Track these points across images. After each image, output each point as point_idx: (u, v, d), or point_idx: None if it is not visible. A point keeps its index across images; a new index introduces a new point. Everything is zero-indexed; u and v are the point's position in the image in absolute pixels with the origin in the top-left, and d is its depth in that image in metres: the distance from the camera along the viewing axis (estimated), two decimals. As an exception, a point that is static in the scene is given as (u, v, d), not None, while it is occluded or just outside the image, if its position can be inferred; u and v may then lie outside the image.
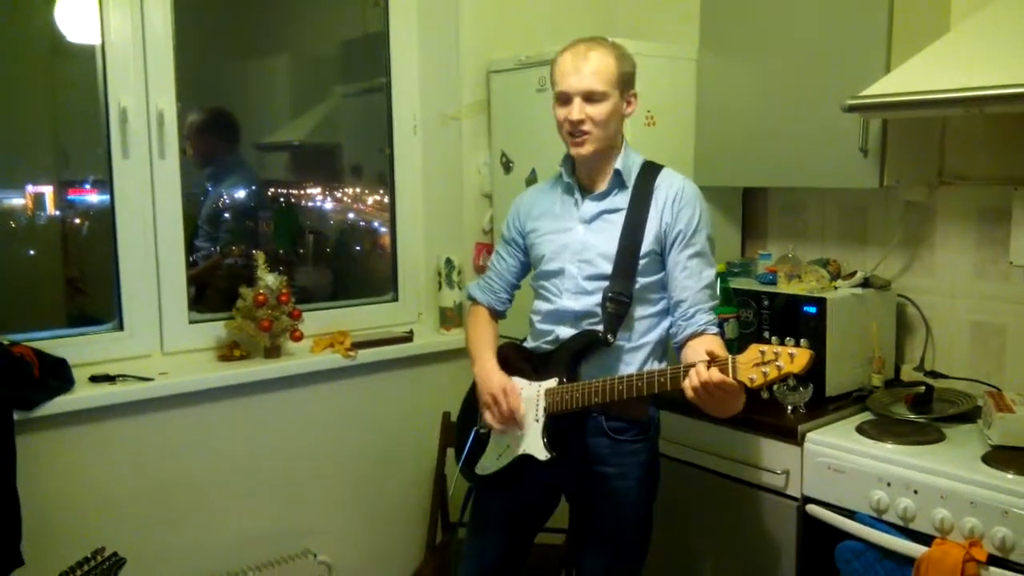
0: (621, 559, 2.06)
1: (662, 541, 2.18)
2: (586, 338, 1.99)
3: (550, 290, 2.08)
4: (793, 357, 1.67)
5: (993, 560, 1.81)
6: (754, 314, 2.50)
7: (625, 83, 1.98)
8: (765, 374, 1.67)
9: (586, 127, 1.95)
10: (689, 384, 1.74)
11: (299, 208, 3.17)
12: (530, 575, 2.38)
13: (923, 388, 2.35)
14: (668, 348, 2.06)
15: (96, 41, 2.45)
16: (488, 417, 2.03)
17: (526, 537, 2.20)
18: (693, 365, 1.75)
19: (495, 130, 3.00)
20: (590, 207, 2.05)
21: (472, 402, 2.22)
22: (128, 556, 2.03)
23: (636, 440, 2.04)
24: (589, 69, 1.93)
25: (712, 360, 1.74)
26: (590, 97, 1.94)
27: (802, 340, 2.34)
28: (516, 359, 2.11)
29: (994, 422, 2.03)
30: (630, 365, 2.00)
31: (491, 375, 2.05)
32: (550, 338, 2.07)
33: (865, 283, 2.50)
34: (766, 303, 2.48)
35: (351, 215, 3.25)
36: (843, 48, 2.33)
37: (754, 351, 1.70)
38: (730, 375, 1.71)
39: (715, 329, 1.96)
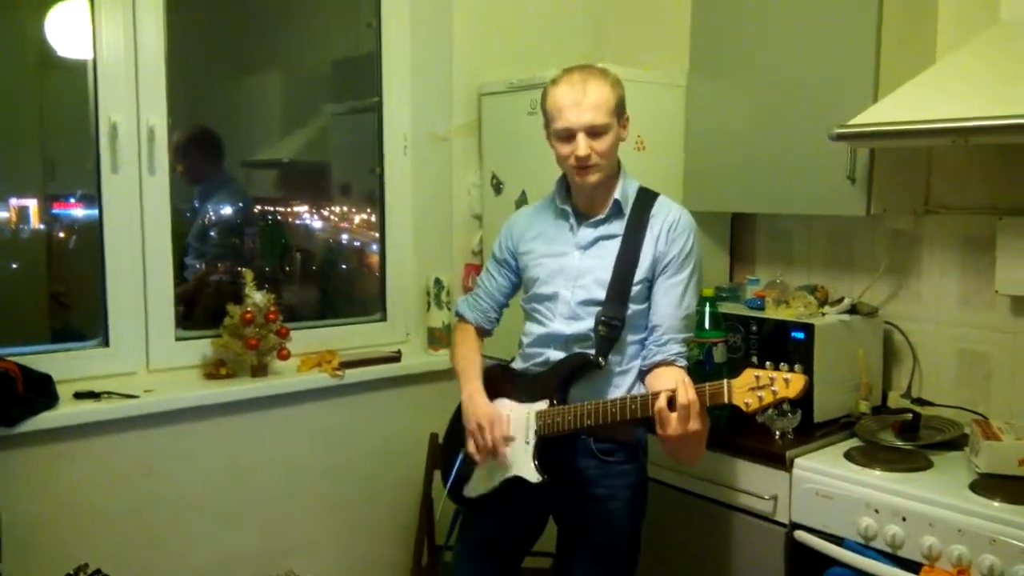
0: (608, 581, 2.05)
1: (649, 565, 2.17)
2: (577, 360, 1.99)
3: (543, 313, 2.08)
4: (788, 382, 1.68)
5: (981, 588, 1.82)
6: (742, 339, 2.51)
7: (620, 109, 1.98)
8: (761, 399, 1.69)
9: (592, 160, 1.95)
10: (663, 403, 1.76)
11: (287, 226, 3.16)
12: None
13: (910, 415, 2.36)
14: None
15: (88, 56, 2.44)
16: (471, 447, 2.02)
17: (513, 561, 2.18)
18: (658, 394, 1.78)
19: (486, 151, 3.01)
20: (587, 233, 2.05)
21: (459, 423, 2.21)
22: (111, 574, 2.00)
23: (625, 462, 2.03)
24: (589, 103, 1.92)
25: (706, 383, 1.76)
26: (592, 131, 1.93)
27: (796, 365, 2.35)
28: (505, 381, 2.11)
29: (981, 450, 2.04)
30: (619, 388, 2.00)
31: (477, 403, 2.04)
32: (540, 360, 2.07)
33: (852, 310, 2.52)
34: (754, 328, 2.50)
35: (340, 234, 3.25)
36: (831, 77, 2.36)
37: (749, 376, 1.71)
38: (726, 399, 1.72)
39: (683, 362, 1.97)
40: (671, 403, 1.76)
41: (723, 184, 2.67)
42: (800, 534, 2.14)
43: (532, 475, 1.95)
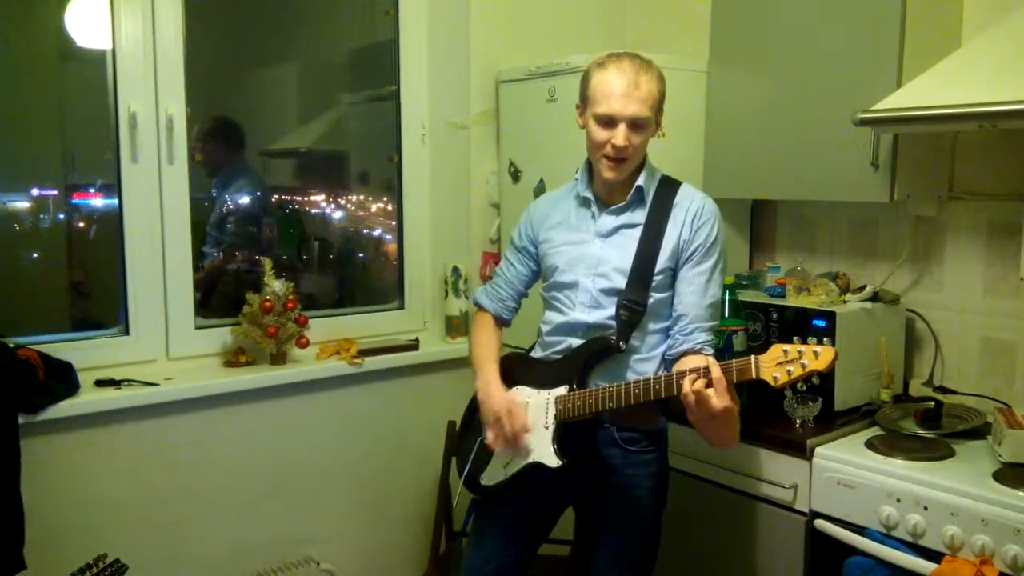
0: (630, 570, 2.04)
1: (669, 553, 2.16)
2: (598, 344, 1.98)
3: (563, 302, 2.06)
4: (817, 355, 1.66)
5: (1004, 578, 1.80)
6: (763, 327, 2.50)
7: (661, 105, 1.97)
8: (789, 372, 1.66)
9: (628, 153, 1.93)
10: (689, 387, 1.74)
11: (305, 215, 3.17)
12: (535, 587, 2.37)
13: (932, 404, 2.34)
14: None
15: (107, 46, 2.45)
16: (491, 437, 2.01)
17: (530, 548, 2.17)
18: (706, 368, 1.74)
19: (503, 140, 3.00)
20: (608, 221, 2.04)
21: (475, 412, 2.21)
22: (131, 562, 2.02)
23: (647, 451, 2.02)
24: (639, 95, 1.89)
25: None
26: (635, 123, 1.91)
27: (825, 339, 2.31)
28: (523, 369, 2.10)
29: (1005, 439, 2.02)
30: (640, 375, 1.98)
31: (493, 393, 2.03)
32: (560, 348, 2.05)
33: (874, 297, 2.49)
34: (775, 316, 2.47)
35: (358, 222, 3.25)
36: (855, 62, 2.33)
37: (777, 350, 1.69)
38: (753, 374, 1.70)
39: (710, 350, 1.95)
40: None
41: (744, 170, 2.65)
42: (820, 523, 2.13)
43: (552, 460, 1.94)
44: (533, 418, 2.00)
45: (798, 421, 2.29)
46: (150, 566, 2.36)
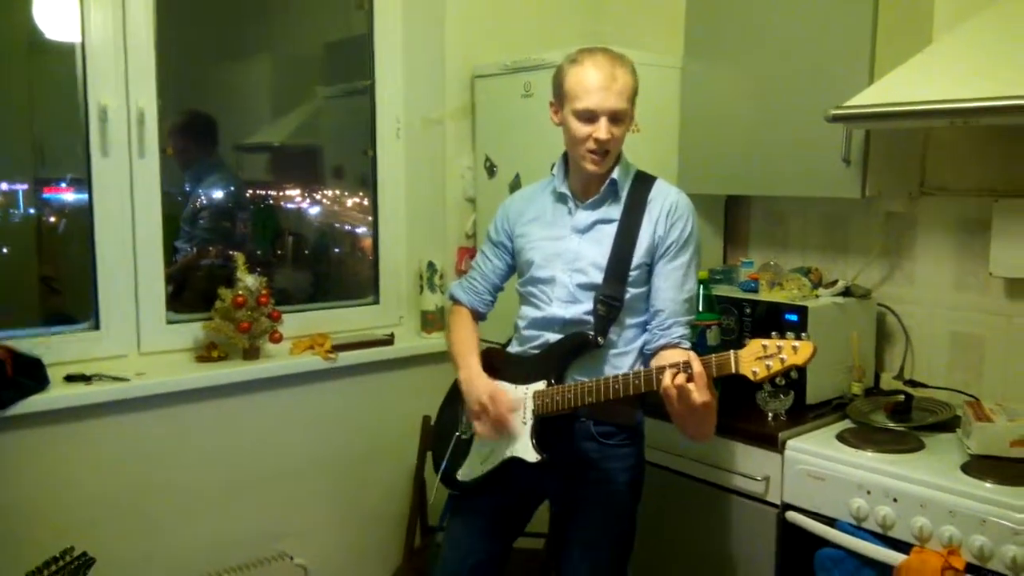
0: (604, 563, 2.05)
1: (643, 545, 2.17)
2: (575, 339, 1.98)
3: (540, 297, 2.07)
4: (796, 349, 1.68)
5: (971, 568, 1.82)
6: (736, 321, 2.51)
7: (635, 99, 1.98)
8: (768, 367, 1.68)
9: (611, 146, 1.95)
10: (670, 381, 1.74)
11: (279, 209, 3.15)
12: (510, 581, 2.37)
13: (902, 397, 2.36)
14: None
15: (76, 39, 2.41)
16: (478, 426, 2.01)
17: (506, 543, 2.18)
18: (687, 363, 1.75)
19: (479, 134, 2.99)
20: (584, 216, 2.04)
21: (450, 407, 2.21)
22: (103, 558, 2.01)
23: (624, 444, 2.03)
24: (617, 88, 1.91)
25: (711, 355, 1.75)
26: (615, 117, 1.93)
27: (803, 333, 2.32)
28: (500, 364, 2.10)
29: (973, 431, 2.04)
30: (617, 369, 1.99)
31: (476, 381, 2.03)
32: (537, 343, 2.06)
33: (846, 292, 2.52)
34: (748, 310, 2.49)
35: (332, 217, 3.24)
36: (827, 58, 2.35)
37: (756, 345, 1.71)
38: (733, 368, 1.71)
39: (687, 344, 1.96)
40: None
41: (718, 166, 2.66)
42: (792, 515, 2.15)
43: (530, 455, 1.94)
44: (512, 413, 2.00)
45: (770, 414, 2.31)
46: (123, 563, 2.34)
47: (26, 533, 2.17)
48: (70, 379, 2.32)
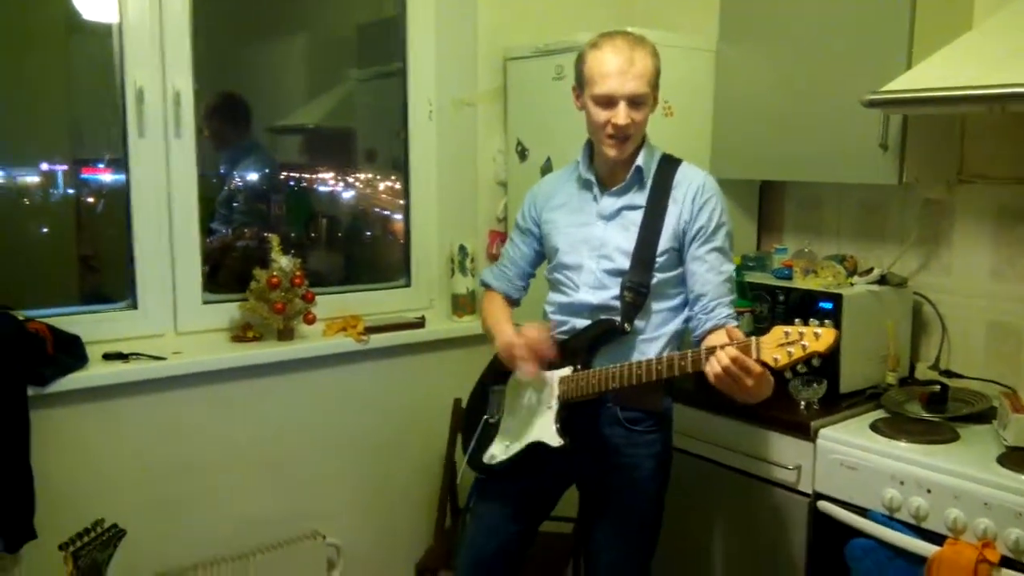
0: (632, 549, 2.06)
1: (672, 533, 2.17)
2: (603, 326, 1.98)
3: (566, 283, 2.07)
4: (818, 336, 1.65)
5: (1006, 561, 1.81)
6: (769, 308, 2.49)
7: (657, 81, 1.96)
8: (790, 354, 1.66)
9: (630, 131, 1.93)
10: (711, 370, 1.72)
11: (312, 192, 3.17)
12: (539, 564, 2.39)
13: (938, 387, 2.34)
14: (684, 341, 2.05)
15: (114, 20, 2.43)
16: (521, 367, 1.97)
17: (530, 526, 2.19)
18: (714, 349, 1.73)
19: (511, 117, 2.99)
20: (609, 203, 2.04)
21: (481, 392, 2.22)
22: (136, 534, 2.05)
23: (651, 431, 2.03)
24: (635, 72, 1.90)
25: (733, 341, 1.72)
26: (634, 100, 1.92)
27: (827, 320, 2.31)
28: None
29: (1010, 423, 2.02)
30: (645, 355, 1.98)
31: (511, 338, 2.01)
32: (565, 329, 2.06)
33: (881, 280, 2.48)
34: (781, 298, 2.47)
35: (365, 200, 3.25)
36: (864, 42, 2.31)
37: (778, 332, 1.69)
38: (753, 355, 1.69)
39: (735, 322, 1.95)
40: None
41: (752, 151, 2.63)
42: (824, 504, 2.14)
43: (553, 439, 1.95)
44: (537, 399, 2.01)
45: (803, 403, 2.29)
46: (155, 538, 2.38)
47: (63, 507, 2.21)
48: (108, 357, 2.35)
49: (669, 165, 2.04)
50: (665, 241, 1.97)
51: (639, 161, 2.00)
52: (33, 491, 2.09)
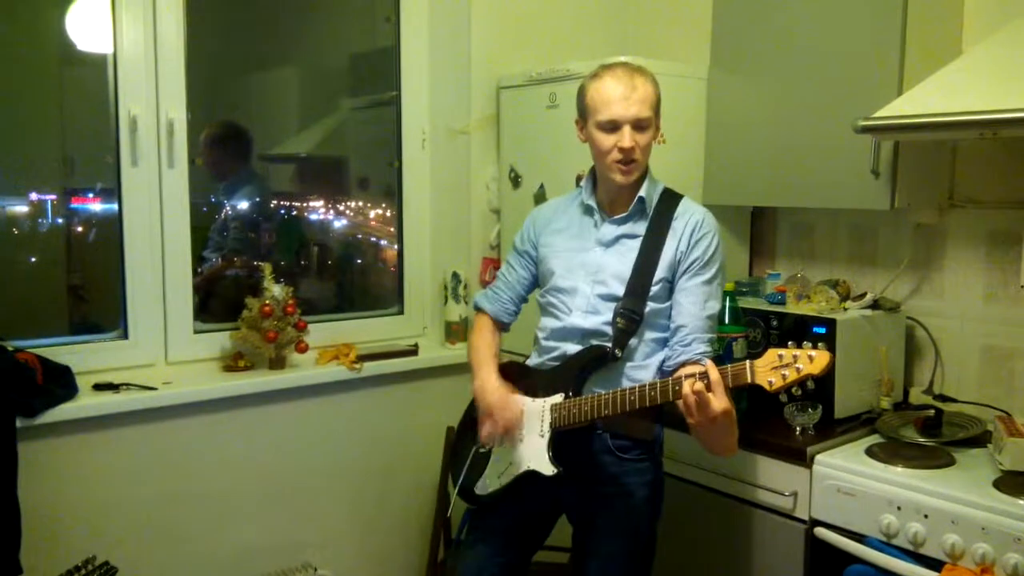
0: (621, 577, 2.04)
1: (668, 561, 2.16)
2: (593, 352, 1.98)
3: (559, 307, 2.07)
4: (812, 359, 1.67)
5: (1005, 587, 1.79)
6: (762, 334, 2.49)
7: (659, 107, 1.99)
8: (784, 376, 1.67)
9: (636, 155, 1.95)
10: (689, 389, 1.73)
11: (304, 220, 3.17)
12: (533, 594, 2.36)
13: (932, 412, 2.33)
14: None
15: (108, 50, 2.45)
16: (484, 431, 2.01)
17: (523, 556, 2.17)
18: (704, 372, 1.74)
19: (504, 145, 3.00)
20: (609, 230, 2.05)
21: (470, 422, 2.20)
22: (128, 567, 2.02)
23: (641, 459, 2.02)
24: (637, 97, 1.93)
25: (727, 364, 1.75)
26: (638, 124, 1.94)
27: (820, 343, 2.31)
28: (519, 378, 2.09)
29: (1005, 447, 2.01)
30: (635, 383, 1.96)
31: (487, 387, 2.04)
32: (555, 354, 2.06)
33: (874, 305, 2.49)
34: (775, 323, 2.47)
35: (357, 228, 3.25)
36: (855, 69, 2.33)
37: (772, 355, 1.70)
38: (748, 378, 1.70)
39: (708, 362, 1.94)
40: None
41: (744, 177, 2.64)
42: (820, 531, 2.12)
43: (547, 468, 1.94)
44: (528, 426, 1.99)
45: (798, 428, 2.28)
46: (146, 571, 2.35)
47: (52, 540, 2.19)
48: (98, 387, 2.33)
49: (671, 198, 2.06)
50: (661, 271, 1.97)
51: (642, 192, 2.02)
52: (20, 525, 2.06)
